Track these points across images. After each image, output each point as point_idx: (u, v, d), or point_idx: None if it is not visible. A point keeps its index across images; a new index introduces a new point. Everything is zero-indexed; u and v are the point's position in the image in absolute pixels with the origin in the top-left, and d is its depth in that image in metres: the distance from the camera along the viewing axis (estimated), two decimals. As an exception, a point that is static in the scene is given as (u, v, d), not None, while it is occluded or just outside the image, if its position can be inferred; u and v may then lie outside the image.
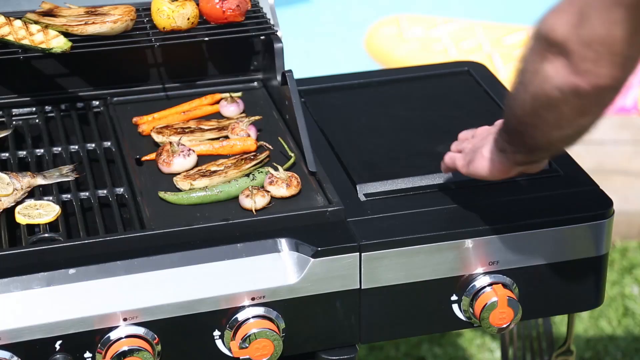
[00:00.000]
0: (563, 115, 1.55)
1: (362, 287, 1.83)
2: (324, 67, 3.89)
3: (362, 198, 1.92)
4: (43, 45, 2.02)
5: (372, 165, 2.02)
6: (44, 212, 1.88)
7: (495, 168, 1.77)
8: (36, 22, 2.08)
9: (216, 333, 1.79)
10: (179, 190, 1.95)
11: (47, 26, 2.07)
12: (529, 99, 1.56)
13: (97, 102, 2.24)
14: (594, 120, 1.58)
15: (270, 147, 2.04)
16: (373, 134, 2.13)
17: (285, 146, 2.03)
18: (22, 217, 1.86)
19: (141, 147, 2.08)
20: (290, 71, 2.04)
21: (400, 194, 1.94)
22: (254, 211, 1.87)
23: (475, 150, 1.81)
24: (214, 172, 1.97)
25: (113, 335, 1.73)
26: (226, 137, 2.09)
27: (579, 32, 1.44)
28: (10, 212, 1.89)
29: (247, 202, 1.88)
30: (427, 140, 2.09)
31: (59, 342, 1.72)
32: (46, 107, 2.23)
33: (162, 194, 1.93)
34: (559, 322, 3.37)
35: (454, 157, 1.87)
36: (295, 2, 5.75)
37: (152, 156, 2.04)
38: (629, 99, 4.77)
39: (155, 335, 1.75)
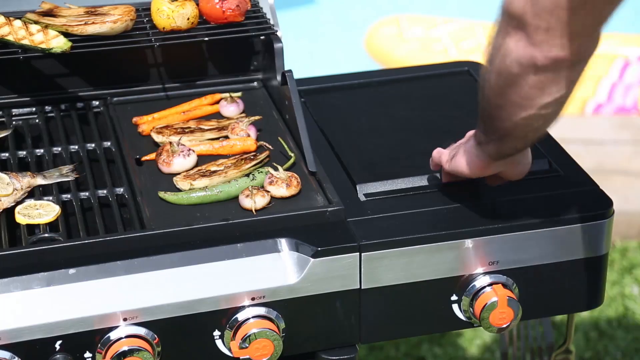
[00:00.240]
0: (524, 92, 1.60)
1: (362, 287, 1.83)
2: (324, 67, 3.89)
3: (362, 198, 1.93)
4: (43, 45, 2.02)
5: (372, 165, 2.02)
6: (44, 212, 1.87)
7: (473, 162, 1.81)
8: (36, 22, 2.08)
9: (216, 333, 1.79)
10: (179, 190, 1.95)
11: (47, 26, 2.07)
12: (495, 77, 1.63)
13: (97, 102, 2.24)
14: (557, 102, 1.62)
15: (270, 147, 2.04)
16: (373, 134, 2.13)
17: (285, 146, 2.03)
18: (22, 217, 1.86)
19: (141, 147, 2.08)
20: (290, 71, 2.04)
21: (400, 194, 1.94)
22: (254, 211, 1.87)
23: (459, 147, 1.85)
24: (214, 172, 1.97)
25: (113, 335, 1.73)
26: (226, 137, 2.09)
27: (533, 3, 1.51)
28: (10, 212, 1.89)
29: (247, 202, 1.88)
30: (427, 140, 2.09)
31: (59, 342, 1.72)
32: (46, 107, 2.22)
33: (162, 194, 1.93)
34: (559, 322, 3.37)
35: (440, 152, 1.90)
36: (299, 3, 5.75)
37: (152, 156, 2.04)
38: (629, 98, 4.77)
39: (155, 335, 1.75)
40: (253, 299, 1.77)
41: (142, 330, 1.74)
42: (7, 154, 2.06)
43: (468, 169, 1.82)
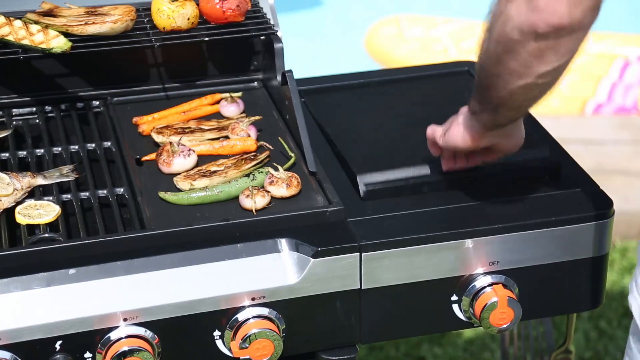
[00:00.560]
0: (522, 60, 1.59)
1: (362, 287, 1.83)
2: (325, 67, 3.89)
3: (363, 188, 1.92)
4: (43, 45, 2.02)
5: (372, 158, 2.01)
6: (44, 212, 1.87)
7: (467, 133, 1.81)
8: (36, 22, 2.08)
9: (216, 333, 1.79)
10: (179, 190, 1.95)
11: (47, 26, 2.07)
12: (493, 45, 1.62)
13: (97, 102, 2.24)
14: (553, 72, 1.62)
15: (270, 147, 2.04)
16: (373, 134, 2.13)
17: (285, 146, 2.03)
18: (22, 217, 1.86)
19: (141, 147, 2.08)
20: (290, 71, 2.04)
21: (401, 183, 1.93)
22: (254, 211, 1.87)
23: (452, 120, 1.85)
24: (214, 172, 1.97)
25: (113, 335, 1.73)
26: (226, 137, 2.09)
27: None
28: (10, 212, 1.89)
29: (247, 202, 1.88)
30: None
31: (59, 342, 1.72)
32: (46, 107, 2.22)
33: (162, 194, 1.93)
34: (559, 322, 3.37)
35: (434, 129, 1.90)
36: (304, 5, 5.76)
37: (152, 156, 2.04)
38: (629, 98, 4.78)
39: (156, 336, 1.75)
40: (253, 299, 1.77)
41: (142, 331, 1.74)
42: (7, 154, 2.06)
43: (462, 140, 1.82)
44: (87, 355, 1.74)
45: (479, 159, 1.91)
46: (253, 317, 1.77)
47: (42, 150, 2.09)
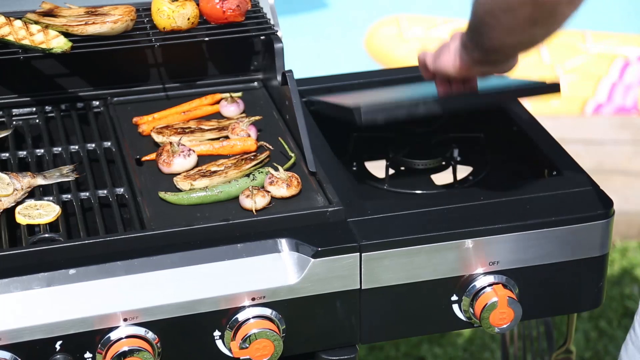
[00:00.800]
0: (517, 21, 1.60)
1: (362, 287, 1.83)
2: (325, 68, 3.90)
3: (361, 110, 1.89)
4: (43, 46, 2.02)
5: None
6: (44, 212, 1.87)
7: (457, 63, 1.81)
8: (36, 22, 2.08)
9: (216, 333, 1.79)
10: (179, 190, 1.95)
11: (47, 26, 2.07)
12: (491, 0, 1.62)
13: (97, 102, 2.24)
14: (546, 33, 1.62)
15: (270, 147, 2.04)
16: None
17: (285, 146, 2.03)
18: (22, 217, 1.86)
19: (141, 147, 2.08)
20: (290, 71, 2.04)
21: (398, 102, 1.91)
22: (254, 211, 1.87)
23: (443, 46, 1.85)
24: (214, 172, 1.97)
25: (113, 335, 1.73)
26: (226, 137, 2.09)
27: None
28: (10, 212, 1.89)
29: (247, 203, 1.88)
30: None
31: (59, 343, 1.72)
32: (46, 107, 2.22)
33: (162, 194, 1.93)
34: (559, 322, 3.37)
35: (425, 53, 1.91)
36: (309, 7, 5.76)
37: (152, 156, 2.04)
38: (629, 98, 4.78)
39: (156, 336, 1.75)
40: (253, 299, 1.77)
41: (142, 331, 1.74)
42: (7, 154, 2.06)
43: (453, 68, 1.82)
44: (87, 355, 1.74)
45: (475, 82, 1.91)
46: (253, 317, 1.77)
47: (42, 150, 2.09)
